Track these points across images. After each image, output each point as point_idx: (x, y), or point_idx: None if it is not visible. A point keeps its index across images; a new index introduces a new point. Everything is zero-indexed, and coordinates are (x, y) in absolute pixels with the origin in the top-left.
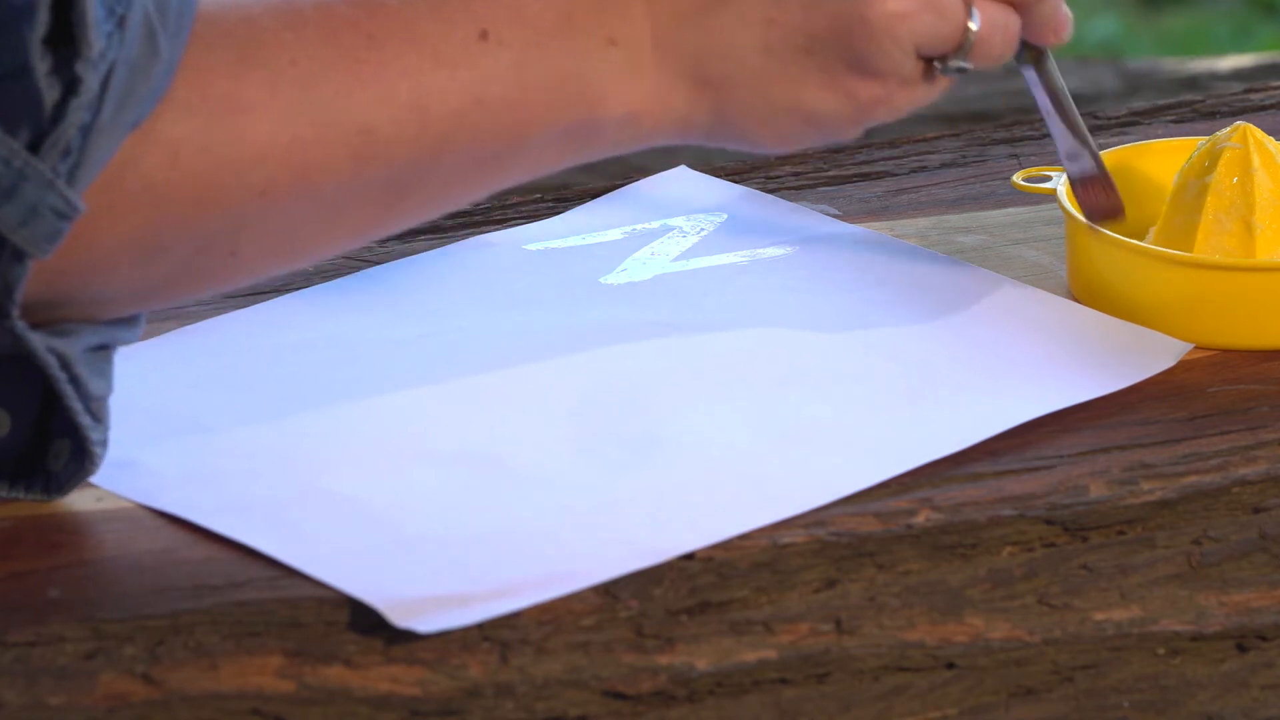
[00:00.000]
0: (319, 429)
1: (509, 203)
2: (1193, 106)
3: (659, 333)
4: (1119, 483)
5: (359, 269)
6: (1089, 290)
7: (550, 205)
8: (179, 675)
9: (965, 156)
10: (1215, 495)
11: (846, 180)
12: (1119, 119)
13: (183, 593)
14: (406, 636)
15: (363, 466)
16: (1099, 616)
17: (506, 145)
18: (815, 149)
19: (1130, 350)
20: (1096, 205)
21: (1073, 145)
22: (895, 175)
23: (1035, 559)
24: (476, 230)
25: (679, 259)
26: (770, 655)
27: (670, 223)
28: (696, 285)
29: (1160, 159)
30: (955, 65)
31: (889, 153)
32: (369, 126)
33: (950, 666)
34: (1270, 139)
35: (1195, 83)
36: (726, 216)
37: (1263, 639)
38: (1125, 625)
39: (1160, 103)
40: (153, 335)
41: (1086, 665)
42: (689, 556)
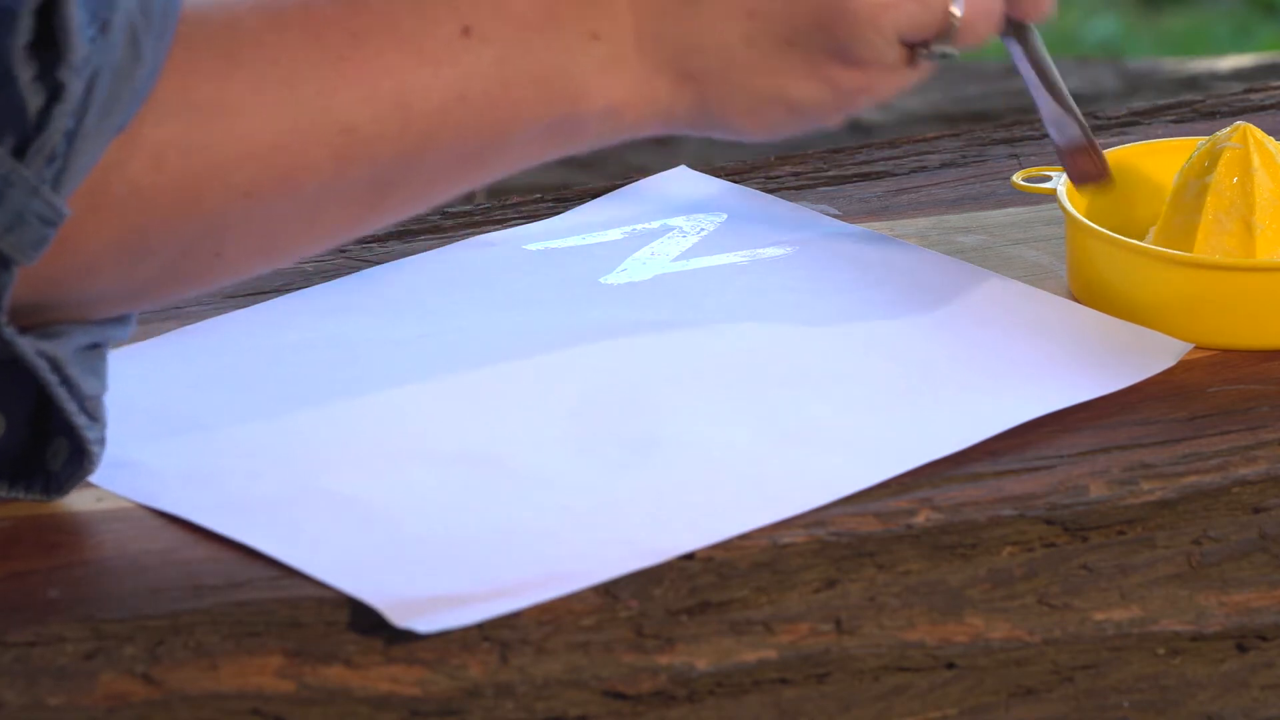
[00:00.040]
0: (319, 429)
1: (509, 203)
2: (1193, 106)
3: (659, 333)
4: (1119, 483)
5: (359, 269)
6: (1089, 290)
7: (550, 205)
8: (179, 675)
9: (965, 156)
10: (1215, 495)
11: (846, 180)
12: (1119, 119)
13: (183, 593)
14: (406, 636)
15: (363, 466)
16: (1099, 616)
17: (489, 141)
18: (815, 149)
19: (1130, 350)
20: (1083, 170)
21: (1058, 114)
22: (895, 175)
23: (1035, 559)
24: (476, 230)
25: (679, 259)
26: (770, 655)
27: (670, 223)
28: (696, 285)
29: (1160, 159)
30: (939, 51)
31: (889, 153)
32: (352, 125)
33: (950, 666)
34: (1270, 139)
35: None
36: (726, 216)
37: (1263, 639)
38: (1125, 625)
39: (1160, 103)
40: (153, 335)
41: (1086, 665)
42: (689, 556)
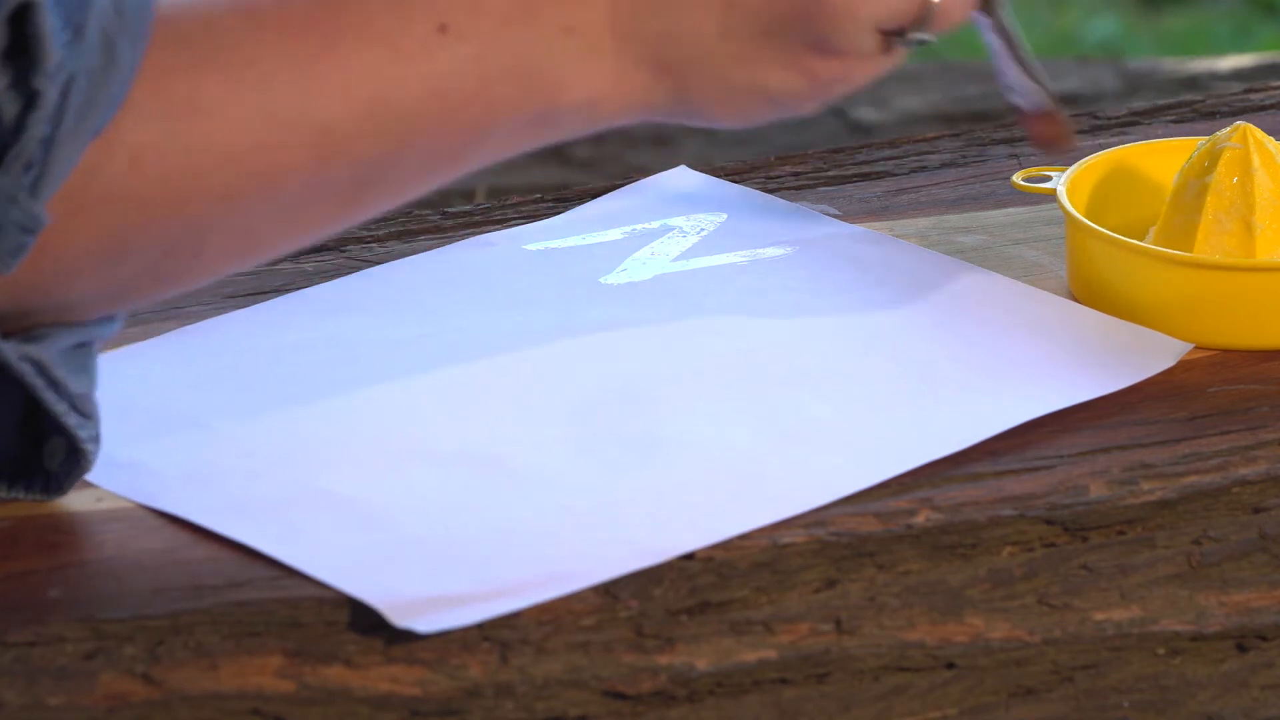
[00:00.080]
0: (319, 429)
1: (509, 203)
2: (1193, 106)
3: (659, 333)
4: (1119, 483)
5: (359, 269)
6: (1089, 290)
7: (550, 205)
8: (179, 675)
9: (965, 156)
10: (1215, 495)
11: (846, 180)
12: (1119, 119)
13: (183, 593)
14: (406, 636)
15: (363, 466)
16: (1099, 616)
17: (467, 137)
18: (815, 149)
19: (1130, 350)
20: (1049, 136)
21: (1025, 82)
22: (895, 175)
23: (1035, 559)
24: (476, 230)
25: (679, 259)
26: (770, 655)
27: (670, 223)
28: (696, 285)
29: (1160, 159)
30: (916, 38)
31: (889, 153)
32: (329, 126)
33: (950, 666)
34: (1270, 139)
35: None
36: (726, 216)
37: (1263, 639)
38: (1125, 625)
39: (1160, 103)
40: (153, 335)
41: (1086, 665)
42: (689, 556)
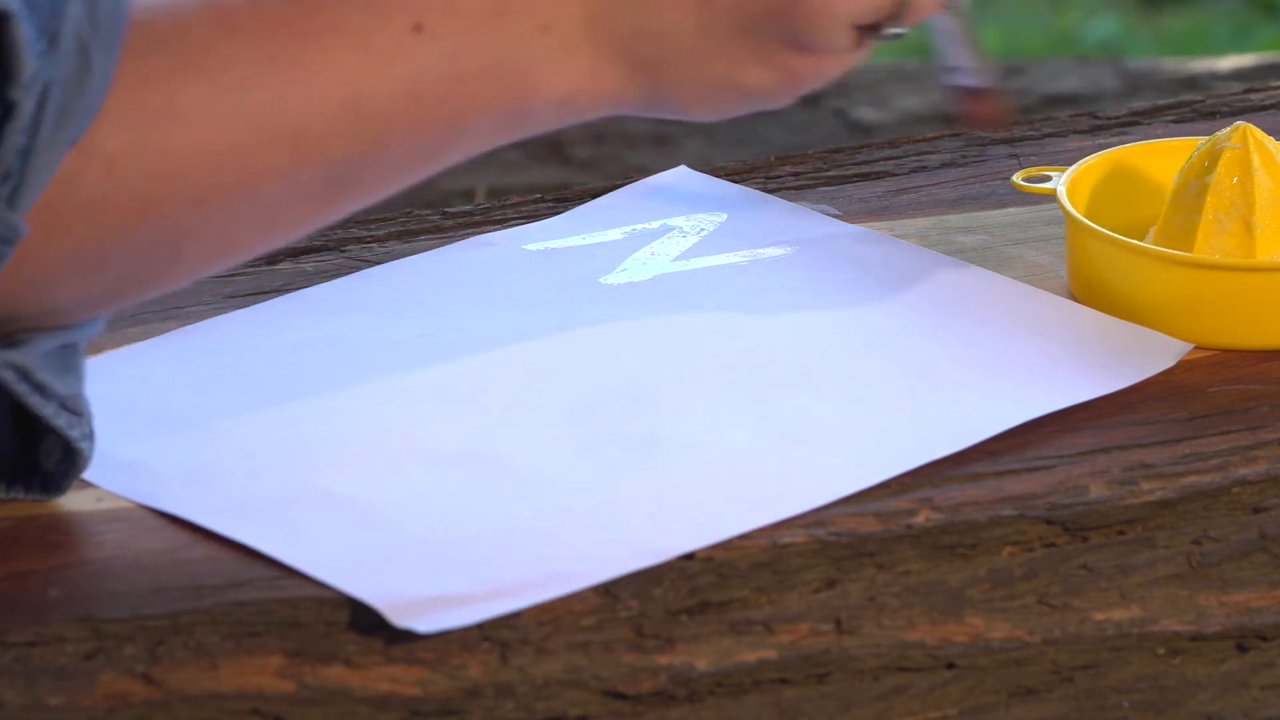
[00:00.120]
0: (319, 429)
1: (509, 203)
2: (1193, 106)
3: (659, 333)
4: (1119, 483)
5: (359, 269)
6: (1089, 290)
7: (550, 205)
8: (179, 675)
9: (965, 156)
10: (1215, 495)
11: (846, 180)
12: (1119, 119)
13: (183, 593)
14: (406, 636)
15: (363, 466)
16: (1099, 616)
17: (442, 135)
18: (815, 149)
19: (1130, 350)
20: (988, 114)
21: (971, 61)
22: (895, 175)
23: (1035, 559)
24: (476, 230)
25: (679, 259)
26: (770, 655)
27: (670, 223)
28: (696, 285)
29: (1160, 159)
30: (890, 32)
31: (889, 153)
32: (305, 128)
33: (950, 666)
34: (1270, 139)
35: (1195, 83)
36: (726, 216)
37: (1263, 639)
38: (1125, 625)
39: (1160, 103)
40: (153, 335)
41: (1086, 665)
42: (689, 556)
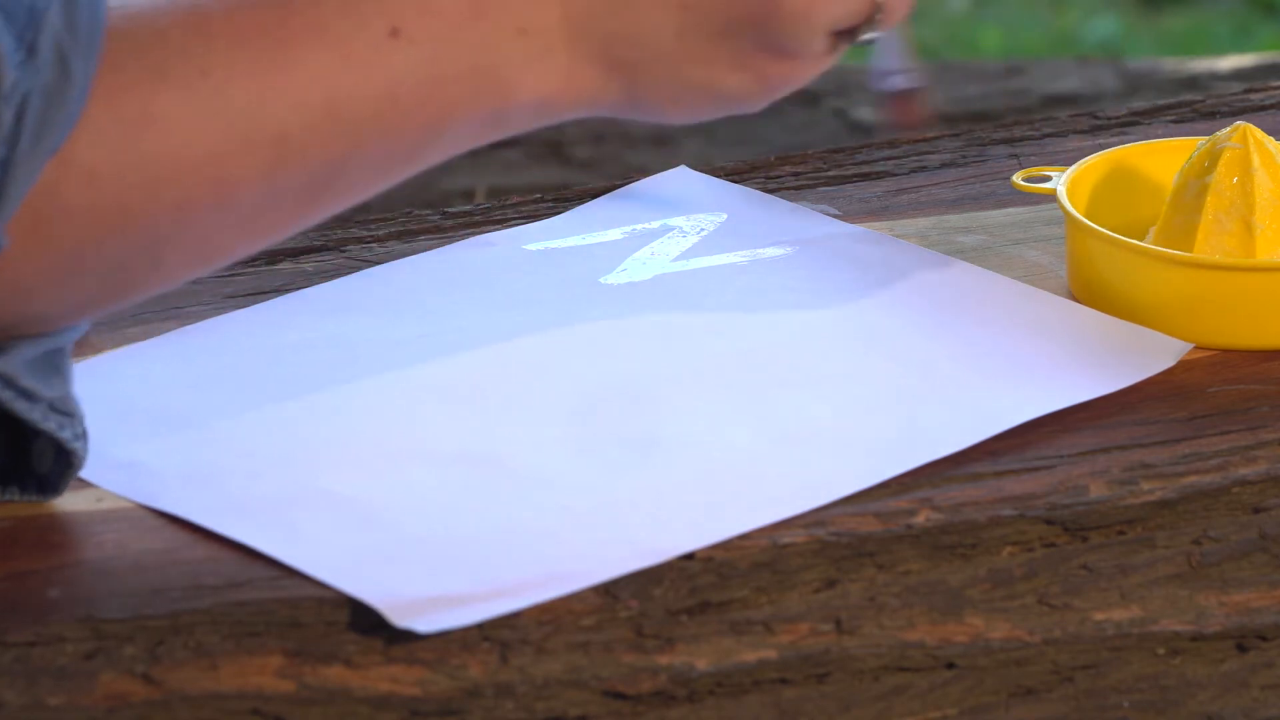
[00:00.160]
0: (319, 429)
1: (509, 203)
2: (1193, 106)
3: (659, 333)
4: (1119, 483)
5: (359, 269)
6: (1089, 290)
7: (550, 205)
8: (179, 675)
9: (965, 156)
10: (1215, 495)
11: (846, 180)
12: (1119, 119)
13: (183, 593)
14: (406, 636)
15: (363, 466)
16: (1099, 616)
17: (420, 139)
18: (815, 149)
19: (1130, 350)
20: (913, 115)
21: (904, 64)
22: (895, 175)
23: (1035, 559)
24: (476, 230)
25: (679, 259)
26: (770, 655)
27: (670, 223)
28: (696, 285)
29: (1160, 159)
30: (866, 38)
31: (889, 153)
32: (283, 134)
33: (950, 666)
34: (1270, 139)
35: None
36: (726, 216)
37: (1263, 639)
38: (1125, 625)
39: (1160, 103)
40: (153, 335)
41: (1086, 665)
42: (689, 556)
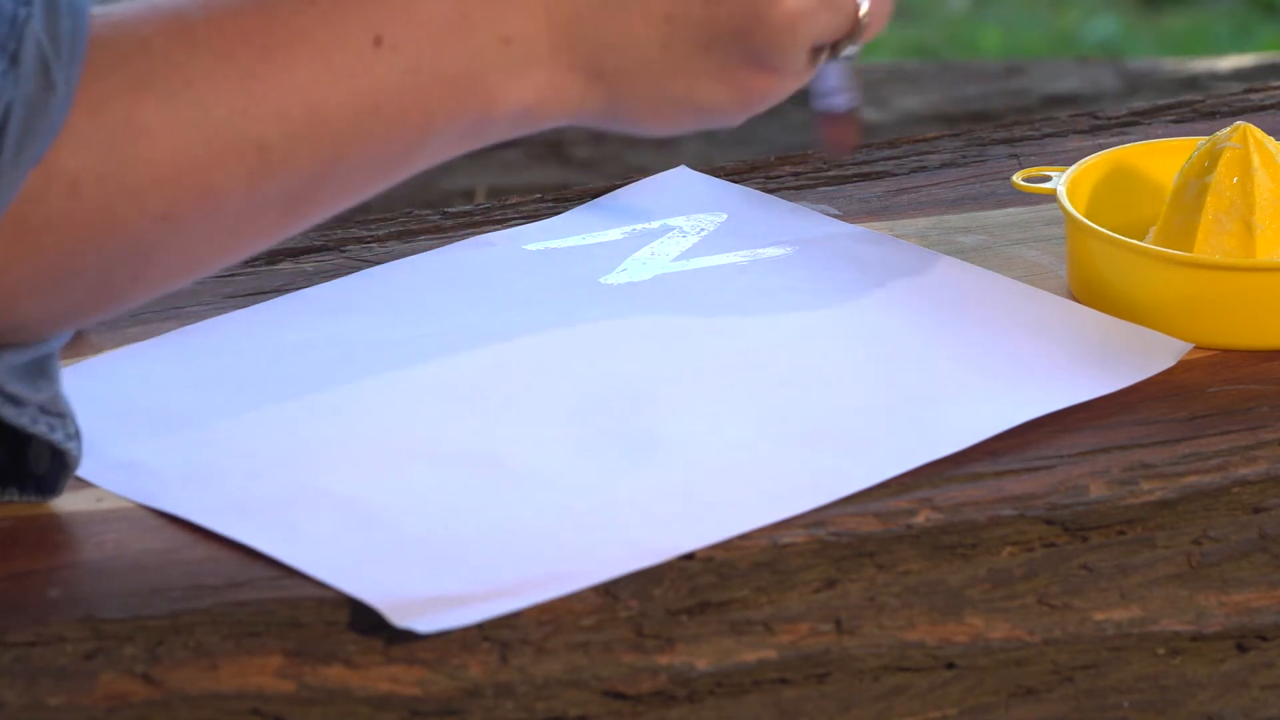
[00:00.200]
0: (319, 429)
1: (509, 203)
2: (1193, 106)
3: (659, 333)
4: (1119, 483)
5: (359, 269)
6: (1089, 290)
7: (550, 205)
8: (179, 675)
9: (965, 156)
10: (1215, 495)
11: (846, 180)
12: (1119, 119)
13: (183, 593)
14: (406, 636)
15: (363, 466)
16: (1099, 616)
17: (403, 147)
18: (815, 149)
19: (1130, 350)
20: (846, 138)
21: (846, 84)
22: (895, 175)
23: (1035, 559)
24: (476, 230)
25: (679, 259)
26: (770, 655)
27: (670, 223)
28: (696, 285)
29: (1160, 159)
30: (847, 54)
31: (889, 153)
32: (266, 143)
33: (950, 666)
34: (1270, 139)
35: (1195, 83)
36: (726, 216)
37: (1263, 639)
38: (1125, 625)
39: (1160, 103)
40: (153, 335)
41: (1086, 665)
42: (689, 556)
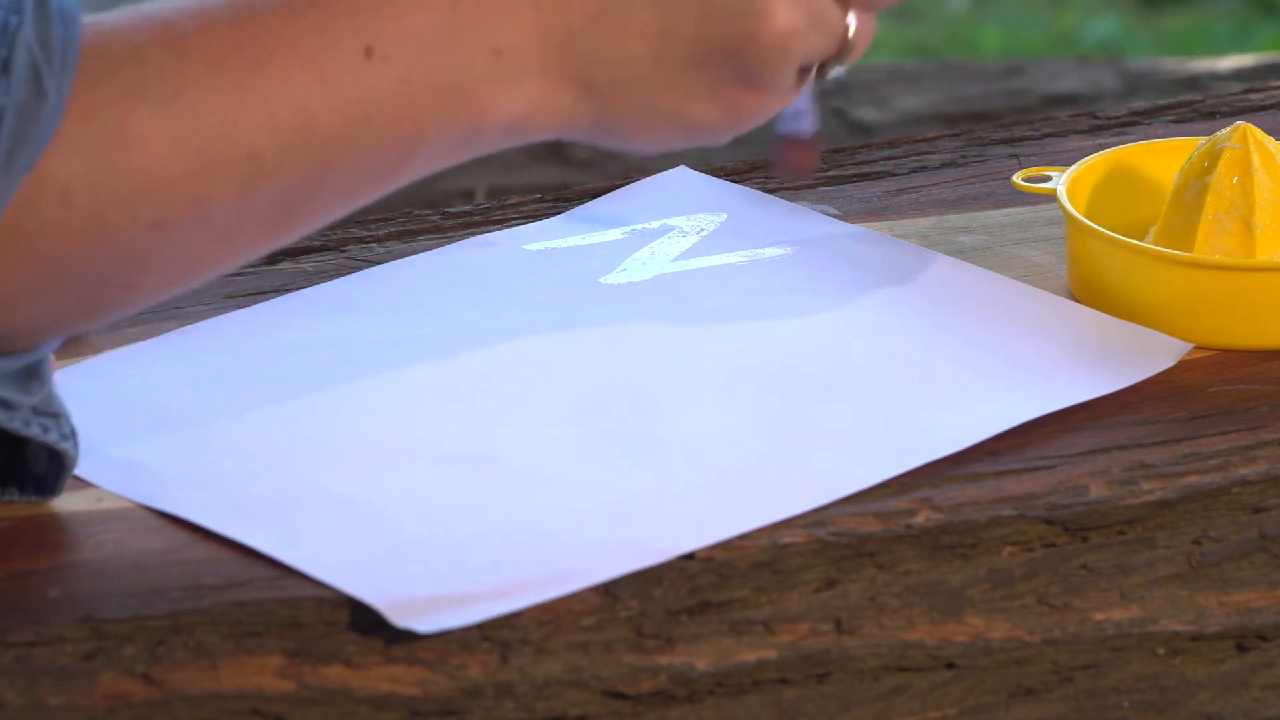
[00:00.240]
0: (319, 429)
1: (509, 203)
2: (1193, 106)
3: (659, 333)
4: (1119, 483)
5: (359, 269)
6: (1089, 290)
7: (550, 205)
8: (179, 675)
9: (965, 156)
10: (1215, 495)
11: (846, 180)
12: (1119, 119)
13: (183, 593)
14: (406, 636)
15: (363, 466)
16: (1099, 616)
17: (393, 158)
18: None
19: (1130, 350)
20: (801, 163)
21: (811, 107)
22: (895, 175)
23: (1035, 559)
24: (476, 230)
25: (679, 259)
26: (770, 655)
27: (670, 223)
28: (696, 285)
29: (1160, 159)
30: (835, 74)
31: (889, 153)
32: (257, 153)
33: (950, 666)
34: (1270, 139)
35: (1195, 83)
36: (726, 216)
37: (1263, 639)
38: (1125, 625)
39: (1160, 103)
40: (153, 335)
41: (1086, 665)
42: (689, 556)
